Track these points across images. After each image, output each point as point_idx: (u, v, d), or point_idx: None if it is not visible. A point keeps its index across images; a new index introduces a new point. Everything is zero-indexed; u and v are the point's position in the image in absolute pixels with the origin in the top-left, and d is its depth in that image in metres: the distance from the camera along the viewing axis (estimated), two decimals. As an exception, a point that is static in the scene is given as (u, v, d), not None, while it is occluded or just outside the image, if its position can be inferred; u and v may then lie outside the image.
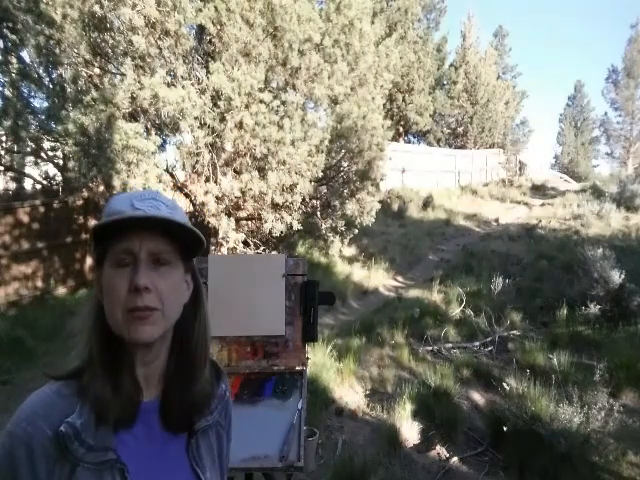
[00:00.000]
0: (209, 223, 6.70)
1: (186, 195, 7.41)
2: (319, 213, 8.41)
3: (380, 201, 9.30)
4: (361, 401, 4.37)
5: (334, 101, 7.66)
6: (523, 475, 3.23)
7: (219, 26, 6.09)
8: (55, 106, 6.53)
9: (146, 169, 5.87)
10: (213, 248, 7.23)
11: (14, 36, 6.91)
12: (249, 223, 8.10)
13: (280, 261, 2.32)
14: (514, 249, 10.74)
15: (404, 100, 21.21)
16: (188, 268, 0.83)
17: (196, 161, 6.44)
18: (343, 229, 8.55)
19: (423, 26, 23.19)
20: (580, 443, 3.21)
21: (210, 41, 6.44)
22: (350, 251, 10.75)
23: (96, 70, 6.53)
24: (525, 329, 5.98)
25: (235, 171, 6.75)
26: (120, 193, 0.84)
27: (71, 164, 6.10)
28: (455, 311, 6.70)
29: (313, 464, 3.12)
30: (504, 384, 4.10)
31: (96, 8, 5.63)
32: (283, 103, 6.71)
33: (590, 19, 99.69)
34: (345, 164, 8.44)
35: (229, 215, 6.86)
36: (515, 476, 3.27)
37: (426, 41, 22.29)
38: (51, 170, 8.40)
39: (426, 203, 16.73)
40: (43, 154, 7.76)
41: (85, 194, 7.47)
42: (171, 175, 6.99)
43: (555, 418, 3.41)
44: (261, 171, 6.63)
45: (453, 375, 4.60)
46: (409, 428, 3.78)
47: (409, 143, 24.79)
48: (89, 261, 8.33)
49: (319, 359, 4.65)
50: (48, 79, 7.11)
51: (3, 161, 8.19)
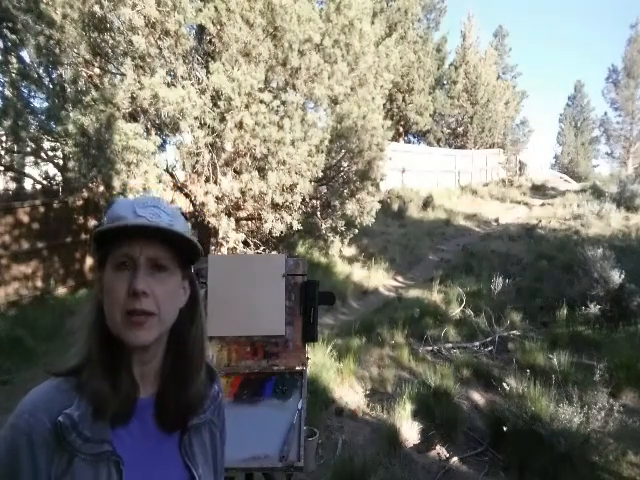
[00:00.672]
0: (209, 223, 6.70)
1: (186, 195, 7.41)
2: (319, 213, 8.41)
3: (380, 201, 9.29)
4: (361, 401, 4.37)
5: (334, 101, 7.66)
6: (523, 475, 3.23)
7: (219, 26, 6.09)
8: (55, 106, 6.53)
9: (146, 169, 5.87)
10: (213, 248, 7.23)
11: (14, 36, 6.91)
12: (249, 223, 8.10)
13: (280, 261, 2.32)
14: (514, 249, 10.73)
15: (404, 100, 21.21)
16: (186, 274, 0.86)
17: (196, 161, 6.44)
18: (343, 229, 8.54)
19: (423, 26, 23.19)
20: (580, 443, 3.21)
21: (210, 41, 6.44)
22: (350, 251, 10.75)
23: (96, 70, 6.53)
24: (525, 329, 5.98)
25: (235, 171, 6.75)
26: (122, 197, 0.86)
27: (71, 164, 6.10)
28: (455, 311, 6.70)
29: (313, 464, 3.11)
30: (504, 384, 4.10)
31: (96, 8, 5.63)
32: (283, 103, 6.71)
33: (590, 19, 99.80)
34: (345, 164, 8.44)
35: (229, 215, 6.86)
36: (515, 476, 3.27)
37: (426, 41, 22.29)
38: (51, 170, 8.40)
39: (426, 203, 16.72)
40: (43, 154, 7.75)
41: (85, 194, 7.46)
42: (171, 175, 6.99)
43: (555, 418, 3.41)
44: (261, 171, 6.63)
45: (453, 375, 4.60)
46: (409, 428, 3.78)
47: (409, 143, 24.78)
48: (89, 261, 8.33)
49: (319, 359, 4.65)
50: (48, 79, 7.11)
51: (3, 161, 8.19)
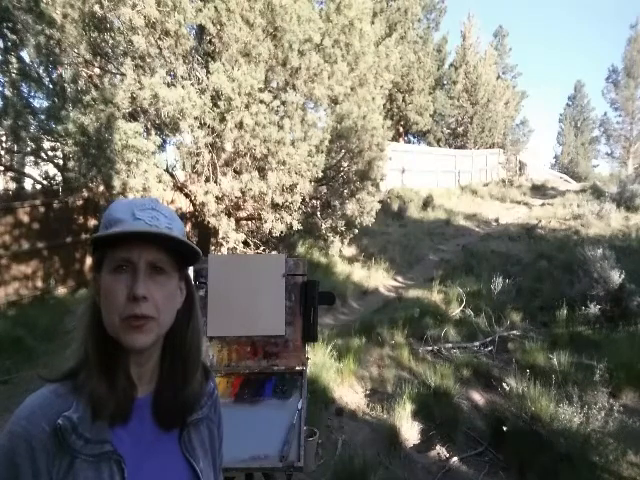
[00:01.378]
0: (209, 223, 6.70)
1: (186, 195, 7.41)
2: (319, 213, 8.41)
3: (380, 201, 9.30)
4: (361, 401, 4.37)
5: (334, 101, 7.66)
6: (523, 475, 3.23)
7: (219, 26, 6.09)
8: (55, 106, 6.53)
9: (146, 169, 5.87)
10: (213, 248, 7.23)
11: (14, 36, 6.91)
12: (249, 223, 8.10)
13: (280, 261, 2.32)
14: (514, 249, 10.73)
15: (404, 100, 21.21)
16: (182, 276, 0.86)
17: (196, 161, 6.44)
18: (343, 229, 8.55)
19: (423, 26, 23.20)
20: (580, 443, 3.21)
21: (210, 41, 6.44)
22: (350, 251, 10.74)
23: (96, 70, 6.54)
24: (525, 329, 5.98)
25: (235, 171, 6.74)
26: (120, 199, 0.86)
27: (71, 164, 6.10)
28: (455, 311, 6.70)
29: (313, 464, 3.11)
30: (504, 384, 4.10)
31: (96, 8, 5.64)
32: (283, 103, 6.71)
33: (590, 19, 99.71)
34: (345, 164, 8.44)
35: (229, 215, 6.86)
36: (515, 476, 3.27)
37: (426, 41, 22.31)
38: (51, 170, 8.39)
39: (426, 203, 16.72)
40: (43, 154, 7.74)
41: (85, 194, 7.46)
42: (171, 175, 6.99)
43: (555, 418, 3.41)
44: (261, 171, 6.63)
45: (453, 375, 4.60)
46: (409, 428, 3.78)
47: (409, 143, 24.80)
48: (89, 261, 8.33)
49: (319, 359, 4.65)
50: (48, 79, 7.10)
51: (3, 161, 8.18)
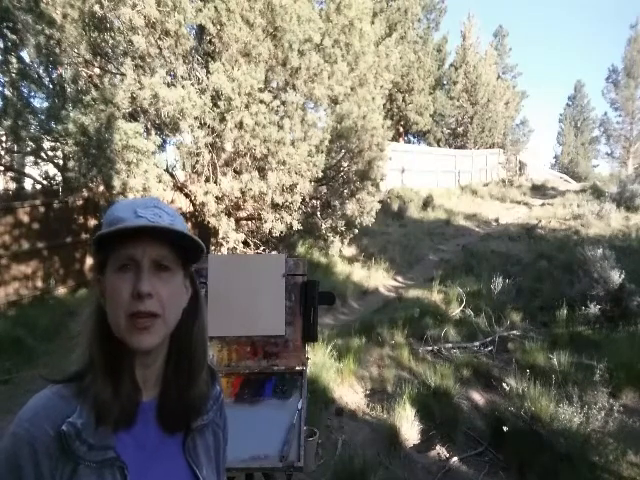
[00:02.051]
0: (209, 223, 6.70)
1: (186, 195, 7.41)
2: (319, 213, 8.41)
3: (380, 201, 9.30)
4: (361, 401, 4.37)
5: (334, 101, 7.66)
6: (523, 475, 3.23)
7: (219, 26, 6.09)
8: (55, 106, 6.53)
9: (146, 169, 5.87)
10: (213, 248, 7.23)
11: (14, 36, 6.91)
12: (249, 223, 8.10)
13: (280, 261, 2.32)
14: (514, 249, 10.73)
15: (404, 100, 21.21)
16: (187, 273, 0.85)
17: (196, 161, 6.44)
18: (343, 229, 8.55)
19: (423, 26, 23.20)
20: (580, 443, 3.21)
21: (210, 41, 6.44)
22: (350, 251, 10.74)
23: (96, 70, 6.54)
24: (525, 329, 5.97)
25: (235, 171, 6.75)
26: (121, 200, 0.86)
27: (71, 164, 6.10)
28: (455, 311, 6.70)
29: (313, 464, 3.11)
30: (504, 384, 4.10)
31: (96, 8, 5.64)
32: (283, 103, 6.71)
33: (590, 19, 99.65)
34: (345, 164, 8.45)
35: (229, 215, 6.86)
36: (515, 476, 3.27)
37: (426, 41, 22.31)
38: (51, 170, 8.40)
39: (426, 203, 16.72)
40: (43, 154, 7.75)
41: (85, 194, 7.47)
42: (171, 175, 6.99)
43: (555, 418, 3.41)
44: (261, 171, 6.63)
45: (453, 375, 4.60)
46: (409, 428, 3.78)
47: (409, 143, 24.80)
48: (89, 261, 8.33)
49: (319, 359, 4.65)
50: (48, 79, 7.10)
51: (3, 161, 8.19)
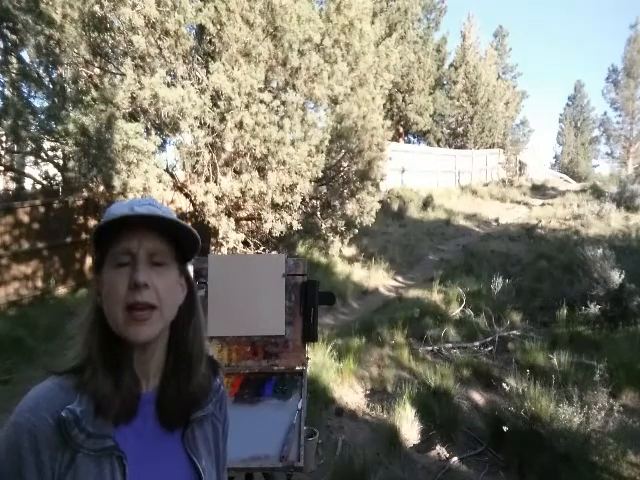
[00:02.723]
0: (209, 223, 6.70)
1: (186, 195, 7.41)
2: (319, 213, 8.41)
3: (380, 201, 9.30)
4: (361, 401, 4.37)
5: (334, 101, 7.66)
6: (523, 475, 3.23)
7: (219, 26, 6.09)
8: (55, 106, 6.53)
9: (146, 169, 5.87)
10: (213, 248, 7.23)
11: (14, 36, 6.92)
12: (249, 223, 8.10)
13: (280, 261, 2.32)
14: (514, 249, 10.73)
15: (404, 100, 21.20)
16: (182, 271, 0.87)
17: (196, 161, 6.44)
18: (343, 229, 8.55)
19: (423, 26, 23.18)
20: (580, 443, 3.21)
21: (210, 41, 6.44)
22: (350, 251, 10.74)
23: (96, 70, 6.54)
24: (525, 329, 5.97)
25: (235, 171, 6.75)
26: (119, 200, 0.88)
27: (71, 164, 6.10)
28: (455, 311, 6.70)
29: (313, 464, 3.11)
30: (504, 384, 4.09)
31: (96, 8, 5.64)
32: (283, 103, 6.71)
33: (590, 19, 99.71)
34: (345, 164, 8.45)
35: (229, 215, 6.86)
36: (515, 476, 3.27)
37: (426, 41, 22.29)
38: (51, 170, 8.40)
39: (426, 203, 16.72)
40: (43, 154, 7.75)
41: (85, 194, 7.47)
42: (171, 175, 6.99)
43: (555, 418, 3.40)
44: (261, 171, 6.63)
45: (453, 375, 4.60)
46: (409, 428, 3.78)
47: (409, 143, 24.79)
48: (89, 261, 8.33)
49: (319, 359, 4.65)
50: (48, 79, 7.11)
51: (3, 161, 8.19)
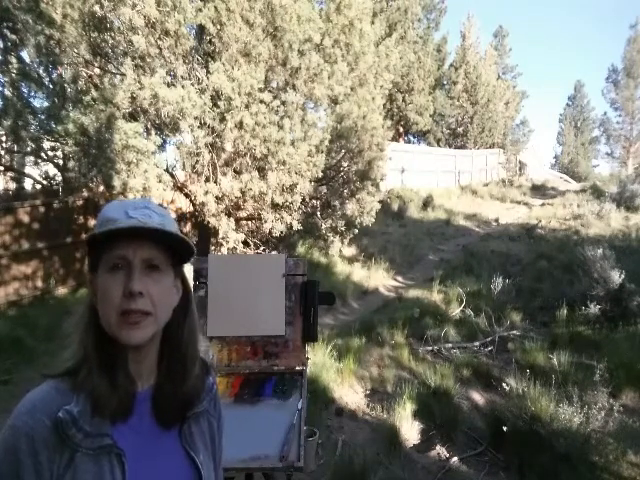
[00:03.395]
0: (209, 223, 6.70)
1: (186, 195, 7.41)
2: (319, 213, 8.41)
3: (380, 201, 9.30)
4: (361, 401, 4.37)
5: (334, 101, 7.66)
6: (523, 475, 3.23)
7: (219, 26, 6.09)
8: (55, 106, 6.53)
9: (146, 169, 5.87)
10: (213, 248, 7.23)
11: (14, 36, 6.92)
12: (249, 223, 8.10)
13: (280, 261, 2.32)
14: (514, 249, 10.73)
15: (404, 100, 21.20)
16: (178, 274, 0.87)
17: (196, 161, 6.44)
18: (343, 229, 8.54)
19: (423, 26, 23.17)
20: (580, 443, 3.21)
21: (210, 41, 6.44)
22: (350, 251, 10.74)
23: (96, 70, 6.54)
24: (525, 329, 5.97)
25: (235, 171, 6.74)
26: (113, 201, 0.87)
27: (71, 164, 6.10)
28: (455, 311, 6.70)
29: (313, 464, 3.11)
30: (504, 384, 4.09)
31: (96, 8, 5.64)
32: (283, 103, 6.71)
33: (590, 19, 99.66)
34: (345, 164, 8.45)
35: (229, 215, 6.86)
36: (515, 476, 3.27)
37: (426, 41, 22.29)
38: (51, 170, 8.40)
39: (426, 203, 16.72)
40: (43, 154, 7.75)
41: (85, 194, 7.47)
42: (171, 175, 6.98)
43: (555, 418, 3.40)
44: (261, 171, 6.63)
45: (453, 375, 4.60)
46: (409, 428, 3.78)
47: (409, 143, 24.79)
48: (89, 261, 8.31)
49: (319, 359, 4.65)
50: (48, 79, 7.10)
51: (3, 161, 8.19)
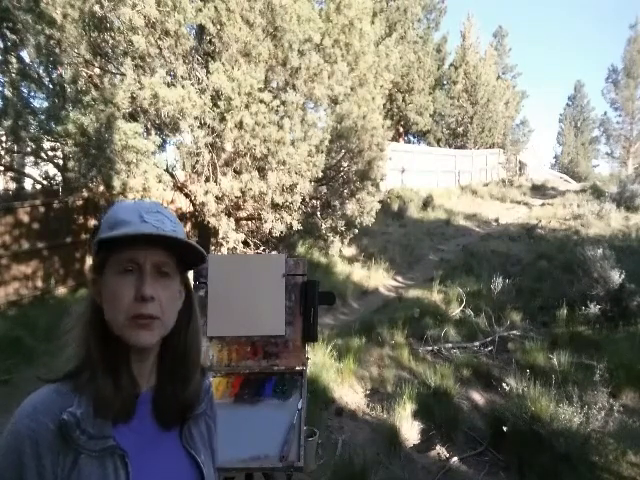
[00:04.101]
0: (209, 223, 6.70)
1: (186, 195, 7.41)
2: (319, 213, 8.41)
3: (380, 201, 9.30)
4: (361, 401, 4.37)
5: (334, 101, 7.66)
6: (523, 475, 3.23)
7: (219, 26, 6.09)
8: (55, 106, 6.52)
9: (146, 169, 5.87)
10: (213, 248, 7.23)
11: (14, 36, 6.91)
12: (249, 223, 8.10)
13: (280, 261, 2.32)
14: (514, 249, 10.73)
15: (404, 100, 21.20)
16: (183, 279, 0.89)
17: (196, 161, 6.44)
18: (343, 229, 8.54)
19: (423, 26, 23.16)
20: (580, 443, 3.21)
21: (210, 41, 6.44)
22: (350, 251, 10.74)
23: (96, 70, 6.53)
24: (525, 329, 5.97)
25: (235, 171, 6.74)
26: (123, 201, 0.88)
27: (71, 164, 6.10)
28: (455, 311, 6.70)
29: (313, 464, 3.11)
30: (504, 384, 4.10)
31: (96, 8, 5.64)
32: (283, 103, 6.71)
33: (590, 19, 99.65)
34: (345, 164, 8.45)
35: (229, 215, 6.86)
36: (515, 476, 3.27)
37: (426, 41, 22.28)
38: (51, 170, 8.39)
39: (426, 203, 16.72)
40: (43, 154, 7.74)
41: (85, 194, 7.46)
42: (171, 175, 6.98)
43: (555, 418, 3.40)
44: (261, 171, 6.63)
45: (453, 375, 4.60)
46: (409, 428, 3.78)
47: (409, 143, 24.78)
48: (89, 261, 8.32)
49: (319, 359, 4.65)
50: (48, 79, 7.10)
51: (3, 161, 8.18)
